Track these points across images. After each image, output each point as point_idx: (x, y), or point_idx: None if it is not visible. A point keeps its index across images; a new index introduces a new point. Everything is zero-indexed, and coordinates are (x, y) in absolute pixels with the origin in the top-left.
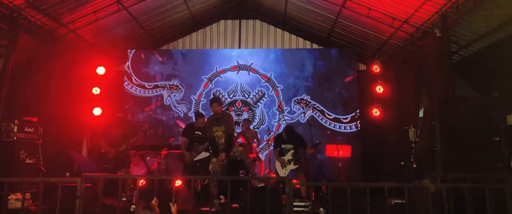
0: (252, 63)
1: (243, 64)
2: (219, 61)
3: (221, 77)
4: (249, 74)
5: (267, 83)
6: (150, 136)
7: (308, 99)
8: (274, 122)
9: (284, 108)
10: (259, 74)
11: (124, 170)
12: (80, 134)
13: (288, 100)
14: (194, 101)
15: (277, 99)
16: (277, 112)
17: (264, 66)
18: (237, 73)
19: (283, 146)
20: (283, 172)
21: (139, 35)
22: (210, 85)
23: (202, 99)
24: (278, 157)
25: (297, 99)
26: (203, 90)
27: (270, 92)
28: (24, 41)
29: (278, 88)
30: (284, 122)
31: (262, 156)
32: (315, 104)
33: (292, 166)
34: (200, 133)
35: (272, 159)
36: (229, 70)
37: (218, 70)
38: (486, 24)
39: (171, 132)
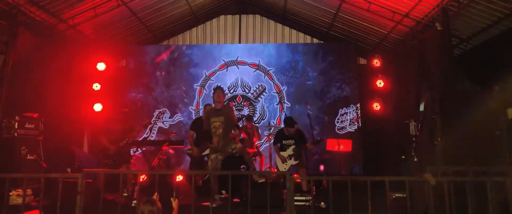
0: (237, 57)
1: (230, 60)
2: (219, 57)
3: (212, 80)
4: (238, 68)
5: (258, 70)
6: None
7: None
8: (276, 105)
9: (281, 88)
10: (248, 65)
11: (125, 165)
12: (81, 130)
13: (289, 96)
14: (193, 112)
15: (272, 83)
16: (276, 94)
17: (264, 61)
18: (227, 71)
19: (284, 141)
20: (283, 167)
21: (139, 30)
22: (204, 91)
23: (200, 108)
24: (278, 152)
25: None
26: (199, 98)
27: (263, 78)
28: (24, 37)
29: (270, 71)
30: (285, 102)
31: (263, 151)
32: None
33: (292, 162)
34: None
35: (272, 154)
36: (217, 70)
37: (207, 74)
38: (487, 17)
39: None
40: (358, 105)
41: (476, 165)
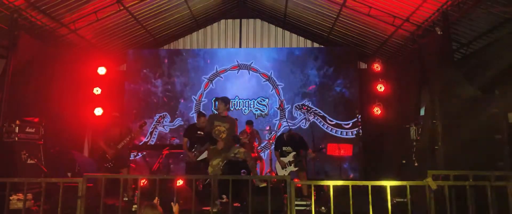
0: (252, 63)
1: (243, 63)
2: (220, 61)
3: (222, 77)
4: (249, 74)
5: (267, 82)
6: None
7: (310, 105)
8: (276, 120)
9: (285, 107)
10: (259, 73)
11: (125, 169)
12: (82, 134)
13: (289, 101)
14: (195, 101)
15: (278, 98)
16: (278, 111)
17: (264, 65)
18: (237, 73)
19: (284, 148)
20: (283, 173)
21: (140, 35)
22: (211, 85)
23: (203, 99)
24: (279, 158)
25: (299, 105)
26: (204, 91)
27: (270, 91)
28: (25, 41)
29: (279, 86)
30: (285, 121)
31: (263, 155)
32: (317, 110)
33: (292, 168)
34: (202, 133)
35: (273, 158)
36: (229, 70)
37: (218, 70)
38: (487, 21)
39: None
40: (359, 116)
41: (477, 169)
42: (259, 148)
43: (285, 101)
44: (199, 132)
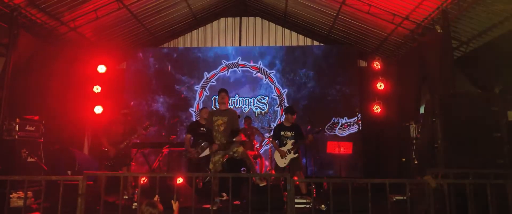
0: (239, 59)
1: (231, 62)
2: (216, 62)
3: (213, 82)
4: (239, 71)
5: (259, 73)
6: (152, 133)
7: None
8: (277, 107)
9: (282, 91)
10: (249, 67)
11: (125, 167)
12: (82, 132)
13: (289, 99)
14: (193, 113)
15: (273, 85)
16: (277, 98)
17: (265, 65)
18: (228, 73)
19: (282, 132)
20: (283, 162)
21: (139, 33)
22: (205, 92)
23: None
24: (277, 147)
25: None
26: (200, 100)
27: (264, 81)
28: (25, 39)
29: (271, 74)
30: (284, 105)
31: (263, 153)
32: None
33: (292, 155)
34: (205, 129)
35: (273, 156)
36: (218, 73)
37: (208, 76)
38: (487, 20)
39: (173, 129)
40: (359, 115)
41: (476, 167)
42: (258, 145)
43: (280, 86)
44: (202, 129)
